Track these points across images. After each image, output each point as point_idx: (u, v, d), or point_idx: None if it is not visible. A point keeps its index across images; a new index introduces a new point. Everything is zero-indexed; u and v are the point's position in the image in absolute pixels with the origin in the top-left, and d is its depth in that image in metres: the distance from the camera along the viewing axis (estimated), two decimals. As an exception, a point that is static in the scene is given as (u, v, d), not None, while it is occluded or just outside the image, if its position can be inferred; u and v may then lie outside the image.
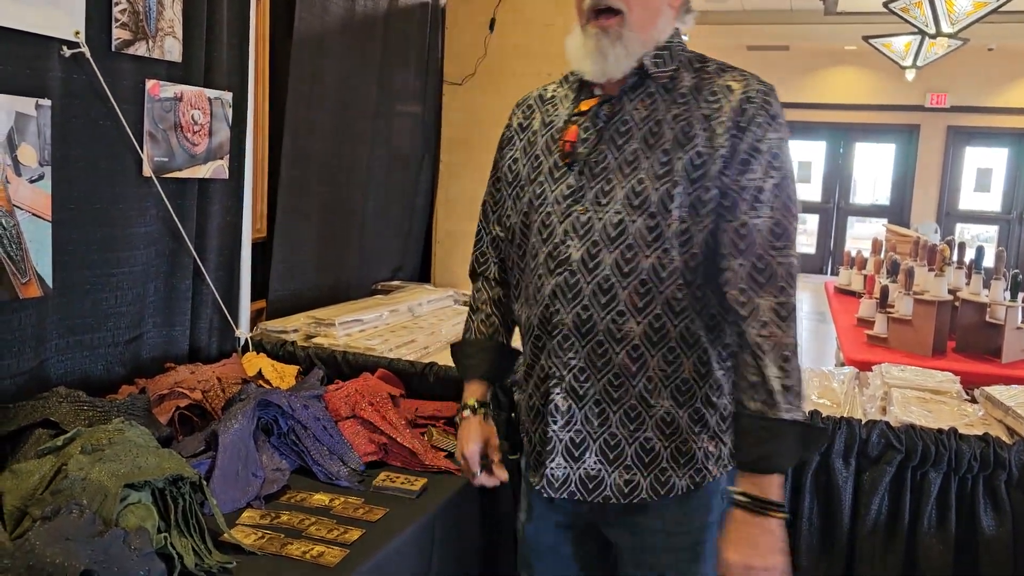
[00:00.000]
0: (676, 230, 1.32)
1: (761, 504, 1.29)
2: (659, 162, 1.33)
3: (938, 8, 6.59)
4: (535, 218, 1.42)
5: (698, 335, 1.37)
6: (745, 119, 1.32)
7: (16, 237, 1.66)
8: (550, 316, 1.39)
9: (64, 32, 1.71)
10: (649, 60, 1.37)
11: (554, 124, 1.45)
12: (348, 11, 2.78)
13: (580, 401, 1.39)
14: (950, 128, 10.91)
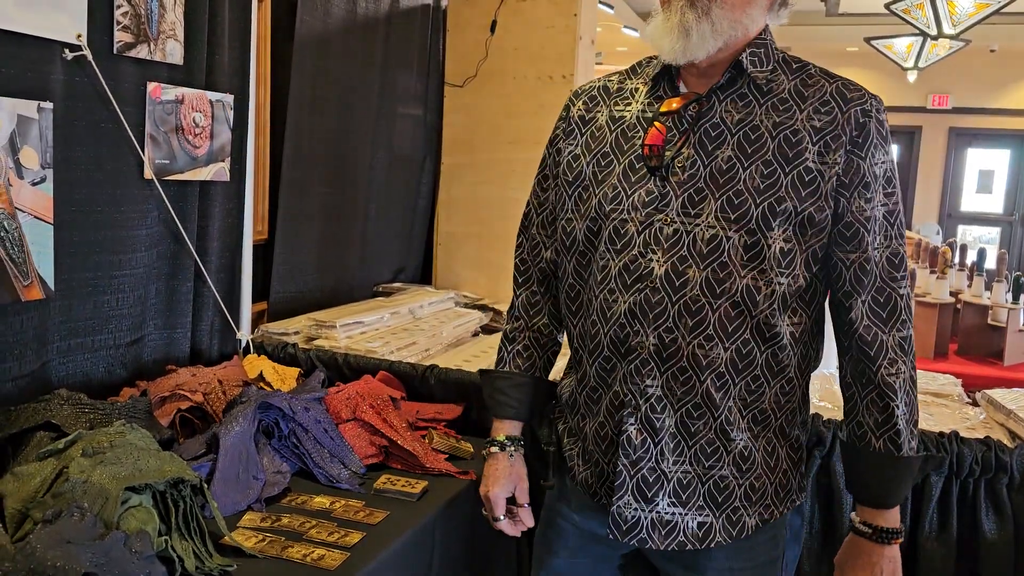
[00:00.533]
0: (778, 250, 1.22)
1: (884, 534, 1.30)
2: (760, 174, 1.22)
3: (940, 9, 6.60)
4: (605, 225, 1.30)
5: (785, 363, 1.28)
6: (863, 136, 1.23)
7: (18, 239, 1.66)
8: (626, 337, 1.27)
9: (66, 35, 1.72)
10: (746, 57, 1.26)
11: (625, 120, 1.33)
12: (350, 13, 2.79)
13: (656, 435, 1.28)
14: (952, 129, 10.92)
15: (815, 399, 2.12)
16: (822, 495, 1.87)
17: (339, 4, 2.73)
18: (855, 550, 1.33)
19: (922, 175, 11.12)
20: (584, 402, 1.37)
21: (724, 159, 1.24)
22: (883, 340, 1.25)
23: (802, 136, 1.23)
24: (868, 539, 1.31)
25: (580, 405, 1.39)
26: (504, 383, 1.48)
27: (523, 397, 1.48)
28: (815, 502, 1.88)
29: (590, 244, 1.33)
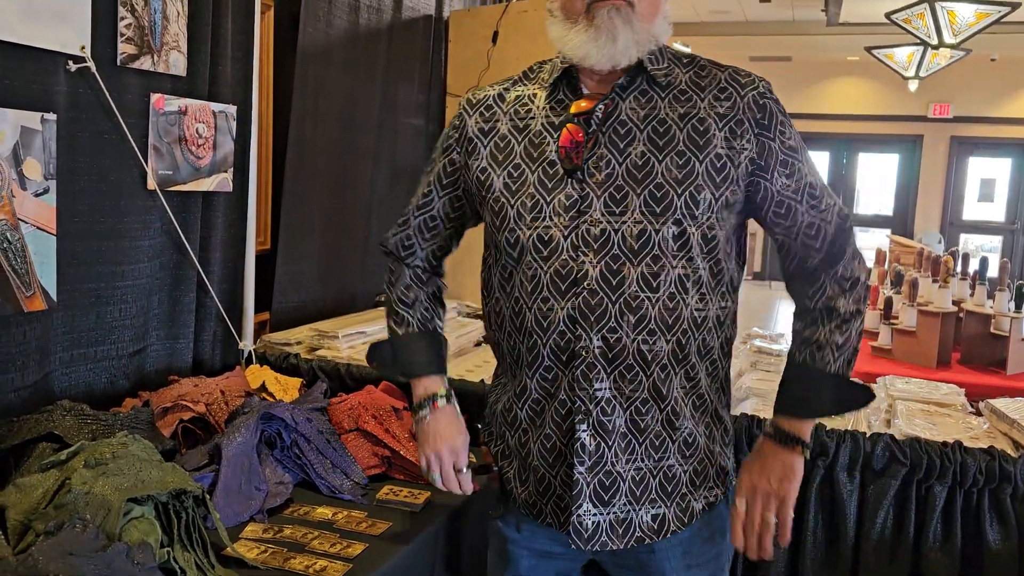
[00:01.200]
0: (701, 236, 1.26)
1: (785, 436, 1.32)
2: (676, 164, 1.25)
3: (940, 19, 6.62)
4: (527, 235, 1.29)
5: (712, 346, 1.33)
6: (767, 118, 1.29)
7: (21, 251, 1.67)
8: (567, 344, 1.27)
9: (70, 47, 1.73)
10: (645, 57, 1.30)
11: (531, 128, 1.33)
12: (352, 25, 2.80)
13: (609, 437, 1.29)
14: (953, 138, 10.95)
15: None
16: (825, 506, 1.87)
17: (341, 16, 2.74)
18: (757, 451, 1.37)
19: (924, 184, 11.13)
20: (527, 416, 1.36)
21: (638, 154, 1.27)
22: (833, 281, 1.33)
23: (708, 124, 1.27)
24: (769, 439, 1.35)
25: (521, 420, 1.37)
26: (420, 343, 1.49)
27: (438, 352, 1.51)
28: (819, 513, 1.88)
29: (513, 255, 1.32)
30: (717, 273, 1.30)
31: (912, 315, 3.47)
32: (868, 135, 11.36)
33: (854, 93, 11.23)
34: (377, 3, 2.92)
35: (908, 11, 6.74)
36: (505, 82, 1.44)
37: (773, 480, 1.31)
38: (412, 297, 1.52)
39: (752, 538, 1.32)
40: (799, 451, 1.32)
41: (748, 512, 1.32)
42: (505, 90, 1.41)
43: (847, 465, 1.84)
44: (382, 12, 2.96)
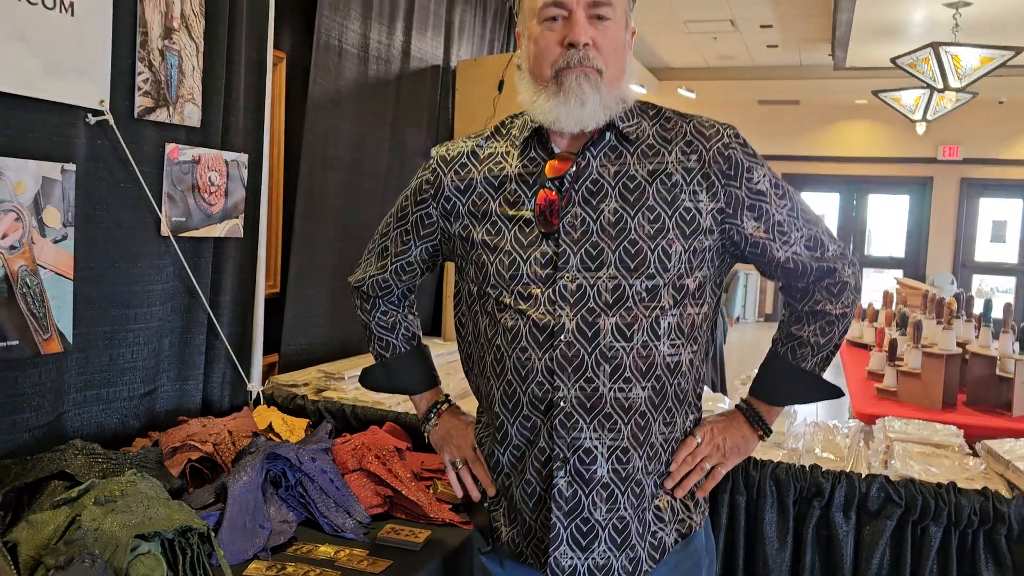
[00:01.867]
0: (672, 286, 1.31)
1: (754, 415, 1.48)
2: (648, 220, 1.30)
3: (945, 63, 6.70)
4: (507, 291, 1.34)
5: (687, 389, 1.38)
6: (731, 167, 1.34)
7: (39, 295, 1.74)
8: (546, 394, 1.31)
9: (90, 101, 1.81)
10: (614, 114, 1.34)
11: (505, 187, 1.37)
12: (361, 75, 2.89)
13: (587, 486, 1.31)
14: (963, 180, 10.97)
15: (816, 450, 2.14)
16: (822, 546, 1.89)
17: (351, 67, 2.83)
18: (728, 414, 1.50)
19: (935, 225, 11.14)
20: (508, 462, 1.39)
21: (611, 211, 1.31)
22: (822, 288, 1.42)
23: (676, 179, 1.32)
24: (740, 412, 1.49)
25: (504, 465, 1.40)
26: (410, 361, 1.61)
27: (429, 368, 1.63)
28: (816, 553, 1.89)
29: (493, 308, 1.36)
30: (687, 319, 1.34)
31: (917, 357, 3.49)
32: (878, 177, 11.41)
33: (863, 135, 11.31)
34: (386, 55, 3.03)
35: (913, 55, 6.82)
36: (477, 137, 1.47)
37: (728, 443, 1.45)
38: (391, 321, 1.62)
39: (682, 470, 1.41)
40: (759, 435, 1.48)
41: (695, 450, 1.42)
42: (478, 146, 1.44)
43: (843, 506, 1.86)
44: (390, 63, 3.06)
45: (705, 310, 1.39)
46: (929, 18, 7.25)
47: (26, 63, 1.66)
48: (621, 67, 1.35)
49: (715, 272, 1.40)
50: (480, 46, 3.77)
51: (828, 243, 1.41)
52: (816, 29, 8.15)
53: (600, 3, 1.30)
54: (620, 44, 1.35)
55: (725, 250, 1.39)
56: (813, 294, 1.42)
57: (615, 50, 1.33)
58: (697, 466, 1.41)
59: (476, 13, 3.73)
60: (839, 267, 1.41)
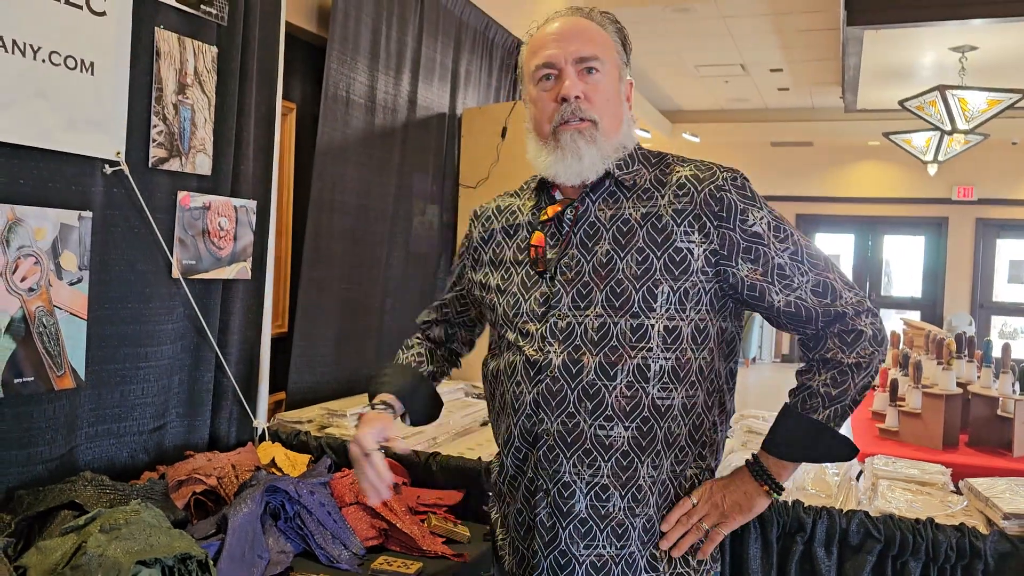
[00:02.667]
0: (662, 328, 1.32)
1: (760, 471, 1.40)
2: (636, 261, 1.34)
3: (952, 106, 6.78)
4: (511, 329, 1.41)
5: (678, 433, 1.36)
6: (724, 209, 1.34)
7: (55, 334, 1.84)
8: (532, 427, 1.36)
9: (107, 152, 1.93)
10: (612, 163, 1.40)
11: (518, 234, 1.47)
12: (368, 124, 3.02)
13: (565, 519, 1.34)
14: (979, 220, 10.97)
15: (807, 487, 2.19)
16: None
17: (358, 117, 2.96)
18: (734, 471, 1.45)
19: (951, 266, 11.12)
20: (507, 490, 1.45)
21: (603, 253, 1.36)
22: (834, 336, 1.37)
23: (667, 221, 1.35)
24: (747, 467, 1.42)
25: (504, 494, 1.46)
26: (388, 369, 1.64)
27: (400, 378, 1.60)
28: (799, 588, 1.93)
29: (501, 347, 1.45)
30: (684, 363, 1.34)
31: (917, 397, 3.51)
32: (893, 217, 11.43)
33: (877, 176, 11.37)
34: (392, 104, 3.16)
35: (920, 98, 6.92)
36: (505, 195, 1.59)
37: (728, 501, 1.40)
38: (411, 343, 1.73)
39: (678, 531, 1.38)
40: (766, 491, 1.40)
41: (691, 511, 1.39)
42: (502, 201, 1.57)
43: (824, 541, 1.91)
44: (397, 112, 3.19)
45: (708, 356, 1.38)
46: (936, 61, 7.35)
47: (48, 118, 1.79)
48: (617, 117, 1.41)
49: (719, 316, 1.39)
50: (486, 94, 3.91)
51: (841, 290, 1.36)
52: (826, 72, 8.28)
53: (588, 58, 1.38)
54: (613, 95, 1.40)
55: (725, 294, 1.38)
56: (825, 341, 1.37)
57: (607, 101, 1.39)
58: (693, 527, 1.39)
59: (482, 63, 3.87)
60: (852, 314, 1.35)
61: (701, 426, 1.41)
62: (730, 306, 1.41)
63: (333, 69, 2.81)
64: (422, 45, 3.32)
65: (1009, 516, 1.86)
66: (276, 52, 2.44)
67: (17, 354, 1.77)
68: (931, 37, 6.69)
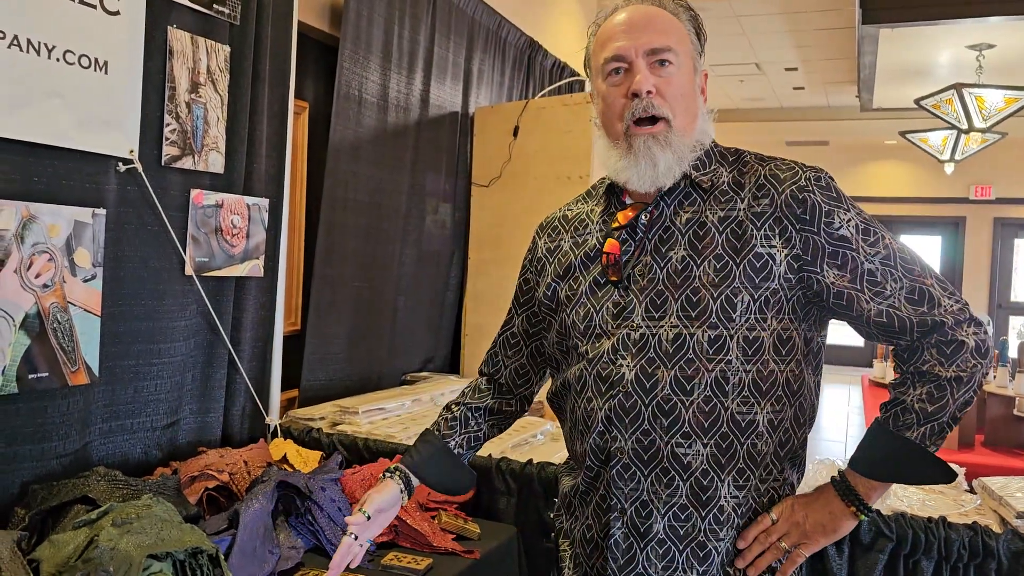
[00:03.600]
0: (741, 339, 1.24)
1: (846, 490, 1.29)
2: (713, 268, 1.25)
3: (969, 104, 6.72)
4: (582, 342, 1.34)
5: (764, 451, 1.28)
6: (807, 212, 1.25)
7: (69, 330, 1.86)
8: (605, 444, 1.29)
9: (120, 151, 1.95)
10: (688, 164, 1.31)
11: (587, 242, 1.38)
12: (380, 122, 3.03)
13: (642, 539, 1.28)
14: (997, 220, 10.87)
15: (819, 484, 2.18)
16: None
17: (370, 115, 2.98)
18: (819, 488, 1.34)
19: (968, 266, 11.02)
20: (577, 504, 1.39)
21: (678, 259, 1.28)
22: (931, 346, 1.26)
23: (746, 225, 1.26)
24: (833, 485, 1.31)
25: (574, 507, 1.40)
26: (421, 439, 1.54)
27: (426, 454, 1.50)
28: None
29: (571, 359, 1.37)
30: (767, 376, 1.26)
31: (932, 396, 3.48)
32: (909, 217, 11.35)
33: (893, 176, 11.29)
34: (405, 103, 3.17)
35: (937, 97, 6.86)
36: (572, 202, 1.50)
37: (811, 520, 1.30)
38: (452, 403, 1.58)
39: (755, 550, 1.29)
40: (853, 511, 1.29)
41: (770, 528, 1.29)
42: (569, 210, 1.48)
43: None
44: (409, 111, 3.20)
45: (796, 367, 1.29)
46: (953, 59, 7.29)
47: (62, 117, 1.81)
48: (692, 112, 1.32)
49: (804, 325, 1.29)
50: (499, 93, 3.91)
51: (940, 297, 1.24)
52: (841, 71, 8.23)
53: (660, 49, 1.29)
54: (687, 89, 1.31)
55: (809, 301, 1.28)
56: (921, 353, 1.25)
57: (681, 96, 1.30)
58: (772, 546, 1.29)
59: (494, 62, 3.87)
60: (952, 324, 1.23)
61: (789, 443, 1.31)
62: (815, 314, 1.31)
63: (345, 68, 2.82)
64: (434, 44, 3.33)
65: (1023, 515, 1.84)
66: (288, 51, 2.46)
67: (32, 350, 1.78)
68: (947, 35, 6.63)
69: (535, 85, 4.32)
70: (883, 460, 1.27)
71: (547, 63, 4.47)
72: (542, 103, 3.43)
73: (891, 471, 1.27)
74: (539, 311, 1.48)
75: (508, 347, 1.56)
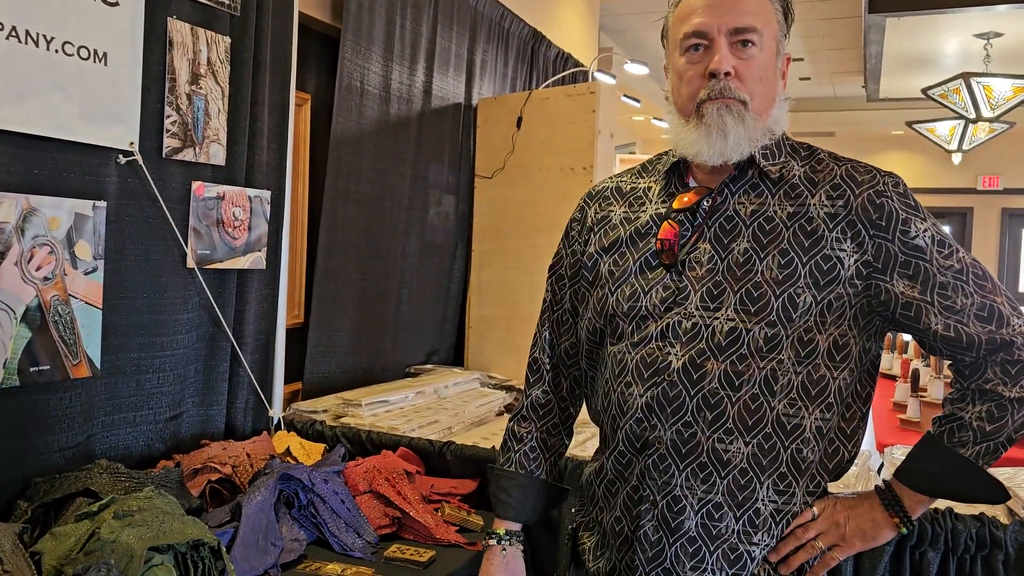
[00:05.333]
0: (796, 340, 1.21)
1: (891, 500, 1.27)
2: (778, 264, 1.21)
3: (976, 94, 6.68)
4: (625, 322, 1.29)
5: (810, 459, 1.24)
6: (884, 218, 1.21)
7: (70, 323, 1.86)
8: (643, 432, 1.25)
9: (120, 143, 1.94)
10: (758, 151, 1.27)
11: (640, 219, 1.34)
12: (383, 114, 3.02)
13: (672, 535, 1.24)
14: (1004, 210, 10.82)
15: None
16: (821, 570, 1.91)
17: (372, 107, 2.96)
18: (863, 493, 1.32)
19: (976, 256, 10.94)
20: (603, 494, 1.36)
21: (740, 251, 1.24)
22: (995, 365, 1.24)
23: (817, 224, 1.22)
24: (878, 492, 1.28)
25: (599, 498, 1.37)
26: (509, 483, 1.47)
27: (524, 499, 1.46)
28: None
29: (609, 339, 1.33)
30: (818, 381, 1.22)
31: (939, 387, 3.48)
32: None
33: (900, 166, 11.23)
34: (407, 94, 3.15)
35: (944, 86, 6.82)
36: (624, 174, 1.45)
37: (851, 524, 1.27)
38: (523, 431, 1.51)
39: (790, 544, 1.26)
40: (896, 523, 1.27)
41: (809, 524, 1.27)
42: (623, 182, 1.43)
43: (841, 531, 1.88)
44: (412, 102, 3.18)
45: (849, 377, 1.25)
46: (961, 49, 7.24)
47: (62, 109, 1.80)
48: (770, 97, 1.27)
49: (863, 335, 1.26)
50: (502, 84, 3.90)
51: (1010, 316, 1.21)
52: (848, 61, 8.18)
53: (745, 29, 1.24)
54: (768, 72, 1.27)
55: (872, 310, 1.25)
56: (984, 371, 1.23)
57: (761, 79, 1.25)
58: (808, 543, 1.26)
59: (497, 53, 3.85)
60: (1021, 343, 1.21)
61: (837, 455, 1.28)
62: (877, 324, 1.27)
63: (347, 60, 2.81)
64: (437, 35, 3.31)
65: (1030, 506, 1.83)
66: (289, 42, 2.45)
67: (33, 343, 1.78)
68: (955, 24, 6.58)
69: (539, 76, 4.30)
70: (933, 475, 1.25)
71: (551, 54, 4.44)
72: (545, 94, 3.41)
73: (941, 487, 1.26)
74: (571, 281, 1.45)
75: (559, 326, 1.49)
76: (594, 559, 1.38)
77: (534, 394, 1.51)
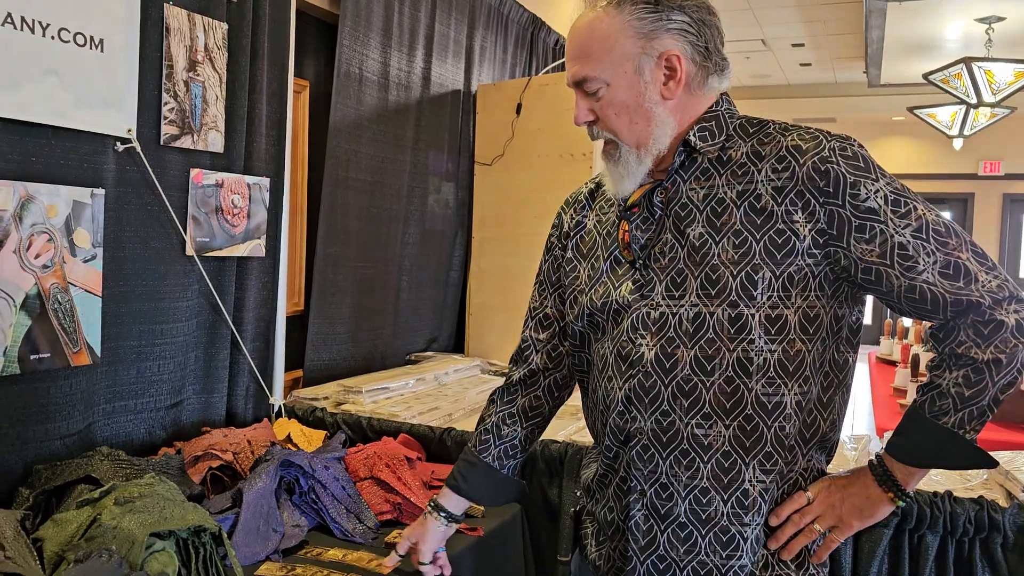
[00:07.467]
0: (763, 317, 1.21)
1: (883, 475, 1.26)
2: (732, 244, 1.22)
3: (978, 78, 6.66)
4: (602, 321, 1.33)
5: (790, 433, 1.24)
6: (831, 184, 1.19)
7: (70, 311, 1.86)
8: (625, 424, 1.28)
9: (118, 130, 1.94)
10: (694, 135, 1.27)
11: (609, 219, 1.38)
12: (382, 101, 3.01)
13: (663, 521, 1.26)
14: (1006, 196, 10.81)
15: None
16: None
17: (371, 94, 2.95)
18: (856, 471, 1.30)
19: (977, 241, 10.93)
20: (596, 487, 1.39)
21: (696, 236, 1.24)
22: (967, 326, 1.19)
23: (766, 200, 1.21)
24: (870, 469, 1.27)
25: (594, 490, 1.40)
26: (461, 461, 1.58)
27: (473, 478, 1.55)
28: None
29: (590, 339, 1.38)
30: (794, 356, 1.22)
31: (939, 372, 3.47)
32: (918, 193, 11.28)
33: (901, 152, 11.22)
34: (406, 81, 3.14)
35: (946, 71, 6.79)
36: (597, 178, 1.48)
37: (847, 504, 1.27)
38: (492, 420, 1.56)
39: (788, 530, 1.27)
40: (890, 497, 1.26)
41: (805, 509, 1.27)
42: (596, 187, 1.47)
43: (840, 514, 1.89)
44: (411, 89, 3.17)
45: (821, 346, 1.24)
46: (962, 33, 7.22)
47: (60, 96, 1.79)
48: (641, 121, 1.27)
49: (832, 302, 1.24)
50: (501, 71, 3.88)
51: (977, 272, 1.17)
52: (849, 47, 8.15)
53: (581, 80, 1.28)
54: (627, 104, 1.27)
55: (838, 277, 1.23)
56: (957, 334, 1.19)
57: (618, 114, 1.27)
58: (807, 527, 1.27)
59: (496, 39, 3.84)
60: (990, 303, 1.16)
61: (814, 424, 1.27)
62: (845, 290, 1.24)
63: (345, 46, 2.79)
64: (435, 21, 3.29)
65: (1029, 489, 1.83)
66: (287, 29, 2.44)
67: (33, 330, 1.78)
68: (956, 8, 6.56)
69: (538, 62, 4.28)
70: (920, 446, 1.22)
71: (550, 40, 4.43)
72: (545, 80, 3.40)
73: (928, 457, 1.23)
74: (551, 288, 1.49)
75: (541, 329, 1.52)
76: (594, 547, 1.41)
77: (506, 386, 1.57)
